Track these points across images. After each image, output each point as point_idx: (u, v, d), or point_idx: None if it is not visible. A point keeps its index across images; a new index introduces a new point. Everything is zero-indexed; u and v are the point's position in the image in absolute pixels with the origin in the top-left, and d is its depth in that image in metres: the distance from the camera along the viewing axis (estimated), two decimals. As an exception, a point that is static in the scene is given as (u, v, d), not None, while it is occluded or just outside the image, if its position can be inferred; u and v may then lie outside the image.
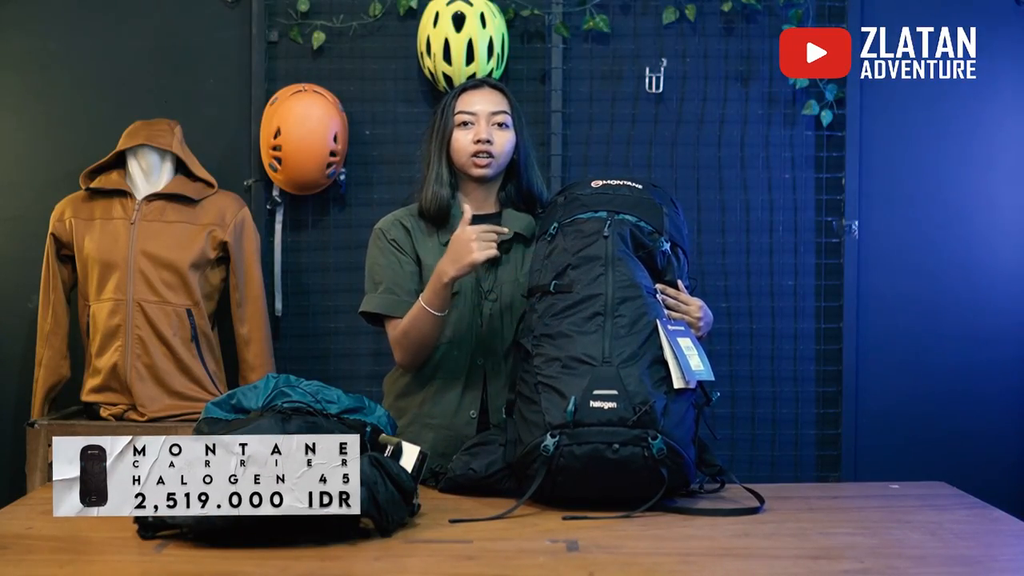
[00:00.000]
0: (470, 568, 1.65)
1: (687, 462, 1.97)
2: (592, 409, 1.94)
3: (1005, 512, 1.97)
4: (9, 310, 3.35)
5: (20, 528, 1.85)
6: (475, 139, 2.39)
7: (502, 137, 2.42)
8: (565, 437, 1.94)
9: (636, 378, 1.96)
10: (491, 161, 2.40)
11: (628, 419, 1.93)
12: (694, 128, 3.34)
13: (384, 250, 2.41)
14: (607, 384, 1.96)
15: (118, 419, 3.00)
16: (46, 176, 3.33)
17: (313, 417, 1.85)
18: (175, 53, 3.35)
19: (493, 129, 2.41)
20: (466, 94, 2.45)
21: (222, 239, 3.06)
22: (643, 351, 2.00)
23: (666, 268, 2.19)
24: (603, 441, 1.92)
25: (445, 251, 2.29)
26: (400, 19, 3.31)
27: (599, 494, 1.97)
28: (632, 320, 2.03)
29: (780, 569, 1.63)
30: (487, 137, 2.39)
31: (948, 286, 3.36)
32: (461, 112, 2.42)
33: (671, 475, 1.95)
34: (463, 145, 2.41)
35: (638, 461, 1.92)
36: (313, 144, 3.13)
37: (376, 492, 1.76)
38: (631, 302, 2.05)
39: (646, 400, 1.94)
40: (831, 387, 3.33)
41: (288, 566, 1.64)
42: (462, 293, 2.37)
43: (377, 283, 2.40)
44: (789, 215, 3.34)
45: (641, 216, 2.18)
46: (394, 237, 2.42)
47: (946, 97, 3.33)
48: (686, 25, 3.32)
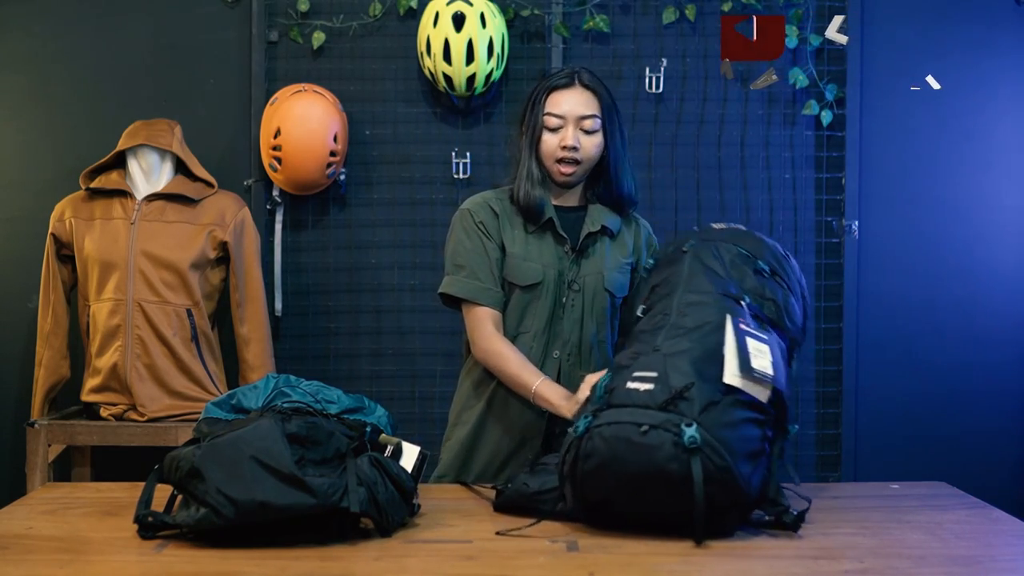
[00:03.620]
0: (470, 568, 1.65)
1: (735, 474, 1.72)
2: (628, 390, 1.80)
3: (1005, 512, 1.97)
4: (9, 310, 3.35)
5: (20, 528, 1.84)
6: (561, 144, 2.33)
7: (589, 142, 2.34)
8: (596, 418, 1.79)
9: (682, 368, 1.80)
10: (575, 169, 2.34)
11: (661, 400, 1.76)
12: (694, 128, 3.34)
13: (470, 232, 2.34)
14: (649, 367, 1.82)
15: (118, 419, 3.01)
16: (46, 176, 3.33)
17: (313, 417, 1.85)
18: (175, 53, 3.35)
19: (580, 135, 2.33)
20: (556, 93, 2.35)
21: (222, 239, 3.06)
22: (698, 346, 1.84)
23: (764, 287, 2.00)
24: (631, 421, 1.74)
25: (530, 242, 2.30)
26: (400, 19, 3.31)
27: (627, 500, 1.76)
28: (697, 323, 1.89)
29: (780, 569, 1.63)
30: (573, 143, 2.31)
31: (948, 286, 3.36)
32: (549, 114, 2.34)
33: (714, 487, 1.71)
34: (550, 149, 2.34)
35: (667, 449, 1.71)
36: (313, 144, 3.13)
37: (376, 492, 1.76)
38: (699, 307, 1.92)
39: (687, 387, 1.76)
40: (831, 387, 3.33)
41: (288, 566, 1.64)
42: (544, 284, 2.33)
43: (460, 266, 2.33)
44: (789, 215, 3.34)
45: (735, 242, 2.07)
46: (482, 220, 2.34)
47: (946, 97, 3.33)
48: (686, 25, 3.32)
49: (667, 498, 1.73)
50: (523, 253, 2.32)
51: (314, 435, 1.78)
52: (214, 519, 1.68)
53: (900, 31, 3.34)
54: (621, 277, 2.40)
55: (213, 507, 1.68)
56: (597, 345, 2.37)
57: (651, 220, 3.30)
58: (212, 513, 1.68)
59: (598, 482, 1.77)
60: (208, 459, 1.71)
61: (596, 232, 2.37)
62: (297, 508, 1.68)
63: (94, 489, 2.20)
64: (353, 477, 1.74)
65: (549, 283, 2.33)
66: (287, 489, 1.68)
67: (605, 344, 2.39)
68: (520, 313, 2.33)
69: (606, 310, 2.37)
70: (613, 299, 2.38)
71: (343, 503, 1.71)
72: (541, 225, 2.34)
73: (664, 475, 1.71)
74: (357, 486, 1.73)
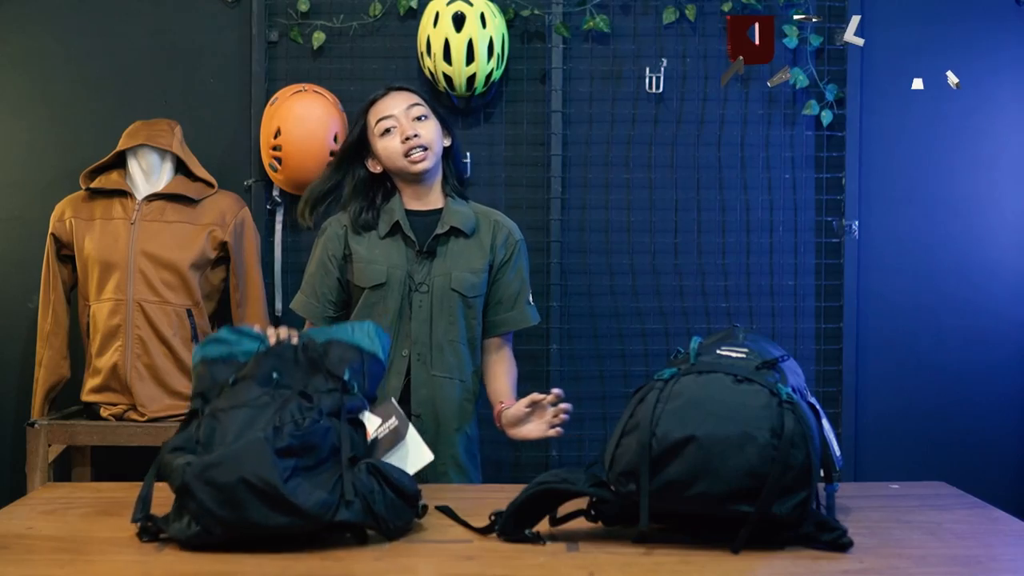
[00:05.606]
0: (470, 568, 1.65)
1: (813, 447, 1.68)
2: (719, 355, 1.79)
3: (1005, 512, 1.97)
4: (9, 310, 3.35)
5: (20, 528, 1.84)
6: (402, 139, 2.42)
7: (426, 128, 2.45)
8: (685, 369, 1.77)
9: (770, 349, 1.83)
10: (426, 153, 2.43)
11: (754, 365, 1.75)
12: (694, 128, 3.34)
13: (315, 250, 2.57)
14: (737, 344, 1.83)
15: (118, 419, 3.01)
16: (46, 176, 3.33)
17: (307, 418, 1.79)
18: (175, 53, 3.35)
19: (415, 123, 2.44)
20: (377, 104, 2.50)
21: (222, 239, 3.06)
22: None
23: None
24: (727, 372, 1.73)
25: (380, 246, 2.45)
26: (400, 19, 3.31)
27: (702, 456, 1.66)
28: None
29: (780, 569, 1.63)
30: (412, 132, 2.42)
31: (948, 286, 3.36)
32: (379, 120, 2.46)
33: (797, 452, 1.67)
34: (393, 150, 2.44)
35: (762, 398, 1.69)
36: (313, 144, 3.13)
37: (373, 502, 1.74)
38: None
39: (782, 357, 1.78)
40: (831, 387, 3.33)
41: (288, 566, 1.64)
42: (388, 285, 2.43)
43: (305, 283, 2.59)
44: (789, 215, 3.34)
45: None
46: (328, 236, 2.54)
47: (946, 97, 3.33)
48: (686, 25, 3.32)
49: (746, 453, 1.65)
50: (369, 256, 2.45)
51: (308, 440, 1.74)
52: (206, 536, 1.69)
53: (900, 31, 3.33)
54: (472, 277, 2.48)
55: (204, 527, 1.69)
56: (448, 344, 2.46)
57: (651, 220, 3.33)
58: (204, 532, 1.69)
59: (678, 422, 1.68)
60: (199, 480, 1.69)
61: (444, 234, 2.45)
62: (288, 529, 1.69)
63: (94, 489, 2.20)
64: (350, 487, 1.72)
65: (394, 284, 2.44)
66: (276, 514, 1.67)
67: (457, 343, 2.48)
68: (367, 313, 2.44)
69: (456, 310, 2.46)
70: (464, 299, 2.47)
71: (337, 517, 1.70)
72: (391, 229, 2.45)
73: (755, 420, 1.67)
74: (353, 496, 1.72)
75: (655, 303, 3.33)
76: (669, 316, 3.32)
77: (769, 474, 1.65)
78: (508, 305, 2.55)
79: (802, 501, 1.69)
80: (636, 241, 3.33)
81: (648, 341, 3.32)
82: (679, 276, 3.33)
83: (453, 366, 2.48)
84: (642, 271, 3.33)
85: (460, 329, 2.48)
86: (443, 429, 2.49)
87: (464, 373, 2.51)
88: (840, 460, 1.85)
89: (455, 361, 2.48)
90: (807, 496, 1.69)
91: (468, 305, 2.48)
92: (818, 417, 1.80)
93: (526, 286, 2.58)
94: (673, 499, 1.69)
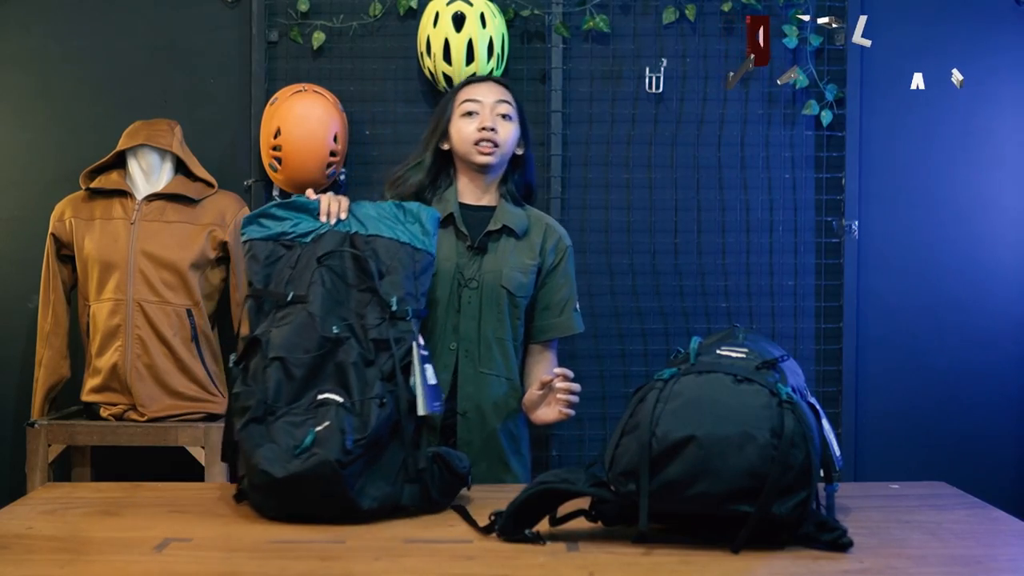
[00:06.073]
0: (470, 568, 1.65)
1: (814, 447, 1.69)
2: (719, 355, 1.80)
3: (1005, 512, 1.97)
4: (9, 310, 3.35)
5: (20, 528, 1.85)
6: (479, 127, 2.40)
7: (506, 128, 2.43)
8: (685, 369, 1.77)
9: (770, 349, 1.84)
10: (496, 150, 2.41)
11: (754, 365, 1.76)
12: (694, 128, 3.34)
13: None
14: (737, 344, 1.84)
15: (118, 419, 3.00)
16: (46, 176, 3.33)
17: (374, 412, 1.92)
18: (175, 53, 3.35)
19: (497, 119, 2.42)
20: (470, 86, 2.48)
21: (222, 239, 3.07)
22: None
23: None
24: (726, 372, 1.74)
25: None
26: (400, 19, 3.31)
27: (702, 455, 1.66)
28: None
29: (780, 569, 1.63)
30: (492, 125, 2.40)
31: (948, 286, 3.36)
32: (466, 101, 2.43)
33: (796, 452, 1.67)
34: (467, 134, 2.42)
35: (762, 398, 1.69)
36: (313, 144, 3.13)
37: (431, 487, 1.92)
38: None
39: (781, 357, 1.80)
40: (831, 387, 3.33)
41: (288, 566, 1.64)
42: (441, 278, 2.39)
43: None
44: (789, 215, 3.34)
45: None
46: None
47: (946, 97, 3.33)
48: (686, 25, 3.32)
49: (746, 453, 1.65)
50: None
51: (373, 438, 1.89)
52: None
53: (900, 31, 3.33)
54: (521, 277, 2.45)
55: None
56: (496, 342, 2.43)
57: (651, 220, 3.33)
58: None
59: (678, 422, 1.69)
60: (271, 489, 1.87)
61: (497, 231, 2.42)
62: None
63: (94, 489, 2.20)
64: (413, 487, 1.94)
65: (444, 276, 2.40)
66: (341, 515, 1.87)
67: (505, 342, 2.45)
68: None
69: (504, 308, 2.43)
70: (512, 298, 2.44)
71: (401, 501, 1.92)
72: (443, 221, 2.40)
73: (755, 419, 1.67)
74: (415, 487, 1.92)
75: (655, 303, 3.33)
76: (669, 316, 3.32)
77: (769, 474, 1.65)
78: (556, 311, 2.52)
79: (802, 501, 1.69)
80: (636, 241, 3.33)
81: (648, 341, 3.32)
82: (679, 276, 3.33)
83: (500, 364, 2.45)
84: (642, 271, 3.33)
85: (507, 327, 2.45)
86: (488, 427, 2.45)
87: (512, 372, 2.47)
88: (840, 460, 1.86)
89: (502, 359, 2.45)
90: (807, 496, 1.69)
91: (515, 304, 2.45)
92: (818, 417, 1.80)
93: (574, 293, 2.56)
94: (673, 499, 1.69)
